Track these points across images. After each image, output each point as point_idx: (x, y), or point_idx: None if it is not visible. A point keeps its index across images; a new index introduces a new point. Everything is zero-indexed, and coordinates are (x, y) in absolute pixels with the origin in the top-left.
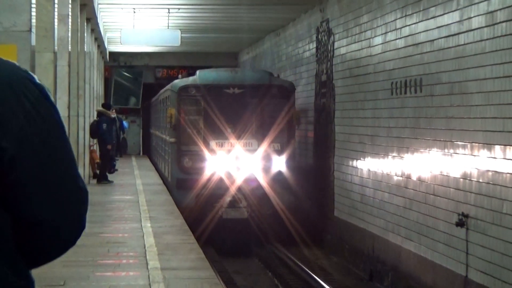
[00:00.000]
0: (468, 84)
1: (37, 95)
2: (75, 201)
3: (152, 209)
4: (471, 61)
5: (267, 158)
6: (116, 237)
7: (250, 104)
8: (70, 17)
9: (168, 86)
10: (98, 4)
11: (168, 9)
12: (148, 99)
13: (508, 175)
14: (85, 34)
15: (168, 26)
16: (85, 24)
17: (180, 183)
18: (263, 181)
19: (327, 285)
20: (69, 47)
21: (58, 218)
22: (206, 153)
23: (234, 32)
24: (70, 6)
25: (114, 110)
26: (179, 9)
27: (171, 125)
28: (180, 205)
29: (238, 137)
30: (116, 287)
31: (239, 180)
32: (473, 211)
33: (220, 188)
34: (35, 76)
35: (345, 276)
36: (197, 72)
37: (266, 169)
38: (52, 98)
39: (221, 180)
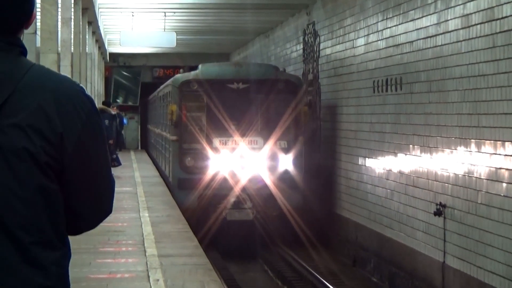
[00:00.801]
0: (446, 83)
1: (89, 107)
2: (108, 194)
3: (149, 199)
4: (448, 61)
5: (273, 157)
6: (116, 226)
7: (255, 99)
8: (72, 20)
9: (168, 81)
10: (99, 8)
11: (164, 12)
12: (145, 97)
13: (482, 167)
14: (87, 36)
15: (164, 28)
16: (87, 27)
17: (181, 183)
18: (269, 180)
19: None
20: (72, 49)
21: (91, 210)
22: (209, 151)
23: (226, 34)
24: (72, 10)
25: (115, 108)
26: (174, 12)
27: (172, 122)
28: (181, 206)
29: (243, 135)
30: (116, 273)
31: (243, 180)
32: (450, 201)
33: (224, 188)
34: (85, 88)
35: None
36: (199, 66)
37: (272, 168)
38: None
39: (225, 180)
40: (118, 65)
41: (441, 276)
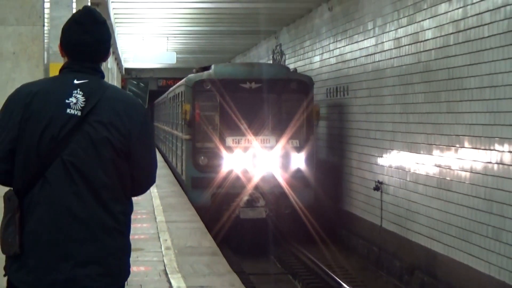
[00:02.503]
0: (382, 89)
1: (144, 113)
2: (153, 170)
3: (158, 179)
4: (384, 73)
5: (286, 155)
6: (132, 199)
7: (268, 99)
8: None
9: (181, 81)
10: (117, 34)
11: (167, 37)
12: (152, 101)
13: (410, 153)
14: None
15: (167, 49)
16: None
17: (195, 181)
18: (281, 179)
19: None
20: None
21: (145, 179)
22: (222, 150)
23: (214, 53)
24: None
25: None
26: (175, 37)
27: (185, 121)
28: (195, 205)
29: (255, 134)
30: (134, 234)
31: (256, 178)
32: (386, 179)
33: (237, 186)
34: (140, 100)
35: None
36: (212, 66)
37: (284, 167)
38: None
39: (238, 178)
40: (131, 77)
41: (380, 237)
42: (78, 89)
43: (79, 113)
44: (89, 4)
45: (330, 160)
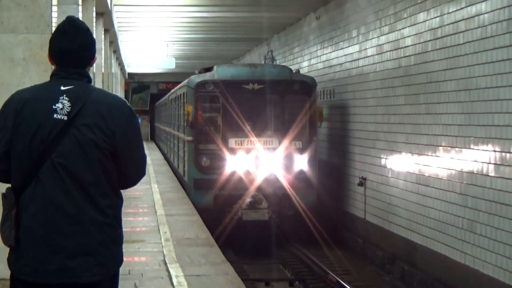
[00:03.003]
0: (366, 93)
1: (129, 112)
2: (142, 163)
3: (158, 175)
4: (367, 77)
5: (289, 157)
6: (135, 195)
7: (271, 100)
8: (103, 50)
9: (183, 83)
10: (121, 41)
11: (167, 44)
12: (153, 103)
13: (391, 151)
14: (112, 61)
15: (166, 55)
16: (113, 54)
17: (198, 183)
18: (284, 180)
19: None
20: (102, 70)
21: (134, 173)
22: (225, 152)
23: (210, 59)
24: (103, 42)
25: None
26: (174, 43)
27: (188, 122)
28: (198, 206)
29: (258, 135)
30: (136, 227)
31: (259, 180)
32: (369, 176)
33: (239, 188)
34: (127, 101)
35: None
36: (215, 67)
37: (287, 168)
38: (134, 112)
39: (240, 180)
40: (134, 81)
41: (364, 228)
42: (64, 95)
43: (65, 118)
44: (94, 14)
45: (319, 164)
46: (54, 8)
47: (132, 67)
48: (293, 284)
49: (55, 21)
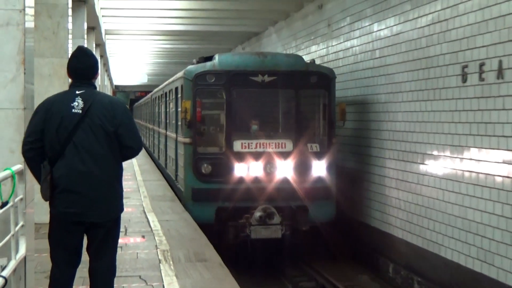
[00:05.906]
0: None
1: (124, 106)
2: (138, 138)
3: (139, 159)
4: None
5: (304, 163)
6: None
7: (283, 95)
8: (99, 69)
9: (179, 74)
10: (110, 63)
11: (145, 64)
12: (131, 105)
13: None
14: (105, 77)
15: (141, 73)
16: (105, 72)
17: (197, 194)
18: (299, 190)
19: None
20: (99, 82)
21: (134, 144)
22: (229, 156)
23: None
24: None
25: None
26: (147, 65)
27: (185, 121)
28: (197, 221)
29: (269, 137)
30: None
31: (270, 190)
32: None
33: (247, 200)
34: (120, 99)
35: None
36: (216, 55)
37: (303, 176)
38: (127, 106)
39: (248, 190)
40: (118, 90)
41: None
42: (79, 97)
43: (80, 111)
44: (94, 45)
45: None
46: (70, 41)
47: (118, 80)
48: None
49: (70, 48)
